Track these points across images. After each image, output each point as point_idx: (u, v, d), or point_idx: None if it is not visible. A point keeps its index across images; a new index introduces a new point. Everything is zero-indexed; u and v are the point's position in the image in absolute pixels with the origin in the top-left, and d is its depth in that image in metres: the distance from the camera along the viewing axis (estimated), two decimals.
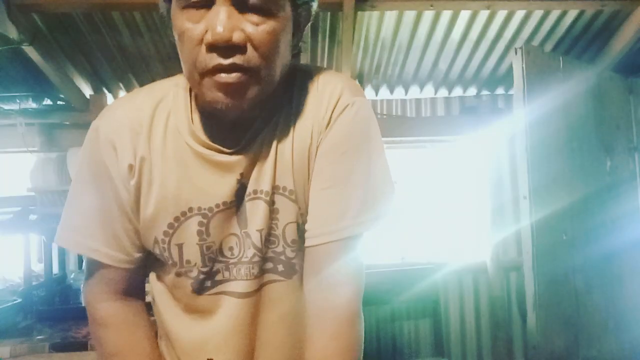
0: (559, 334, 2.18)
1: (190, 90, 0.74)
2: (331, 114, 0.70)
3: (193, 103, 0.73)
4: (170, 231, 0.70)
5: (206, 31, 0.60)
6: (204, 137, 0.70)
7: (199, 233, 0.70)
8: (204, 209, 0.69)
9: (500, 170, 2.87)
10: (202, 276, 0.72)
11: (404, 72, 2.74)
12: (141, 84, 2.69)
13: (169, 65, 2.56)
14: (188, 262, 0.71)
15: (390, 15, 2.34)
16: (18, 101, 2.49)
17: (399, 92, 2.91)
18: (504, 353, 2.85)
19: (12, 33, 2.04)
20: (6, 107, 2.50)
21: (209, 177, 0.69)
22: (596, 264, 2.35)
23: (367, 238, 0.73)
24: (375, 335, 2.72)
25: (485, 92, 2.95)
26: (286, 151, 0.70)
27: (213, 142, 0.70)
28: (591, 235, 2.34)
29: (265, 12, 0.61)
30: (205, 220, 0.69)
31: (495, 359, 2.85)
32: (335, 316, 0.69)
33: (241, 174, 0.69)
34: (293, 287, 0.74)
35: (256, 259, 0.72)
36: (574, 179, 2.31)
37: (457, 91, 2.93)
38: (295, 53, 0.72)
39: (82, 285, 0.81)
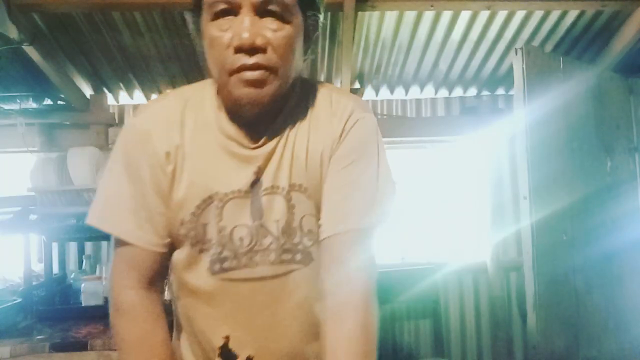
0: (559, 334, 2.18)
1: (216, 93, 0.83)
2: (344, 126, 0.81)
3: (218, 103, 0.82)
4: (198, 212, 0.78)
5: (232, 37, 0.71)
6: (228, 132, 0.79)
7: (216, 216, 0.78)
8: (221, 194, 0.78)
9: (500, 170, 2.87)
10: (214, 257, 0.79)
11: (404, 73, 2.74)
12: (141, 84, 2.70)
13: (169, 65, 2.57)
14: (209, 240, 0.79)
15: (391, 16, 2.34)
16: (18, 101, 2.49)
17: (399, 93, 2.91)
18: (504, 353, 2.85)
19: (13, 33, 2.04)
20: (6, 107, 2.50)
21: (229, 167, 0.78)
22: (596, 264, 2.35)
23: (376, 235, 0.82)
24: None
25: (485, 93, 2.95)
26: (301, 154, 0.79)
27: (236, 137, 0.79)
28: (591, 235, 2.35)
29: (281, 19, 0.72)
30: (220, 204, 0.77)
31: (495, 359, 2.85)
32: (353, 301, 0.76)
33: (258, 167, 0.78)
34: (310, 274, 0.81)
35: (273, 246, 0.79)
36: (574, 179, 2.31)
37: (458, 91, 2.93)
38: (307, 58, 0.83)
39: (108, 271, 0.86)
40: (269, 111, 0.78)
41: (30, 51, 2.19)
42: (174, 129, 0.79)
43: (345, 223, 0.78)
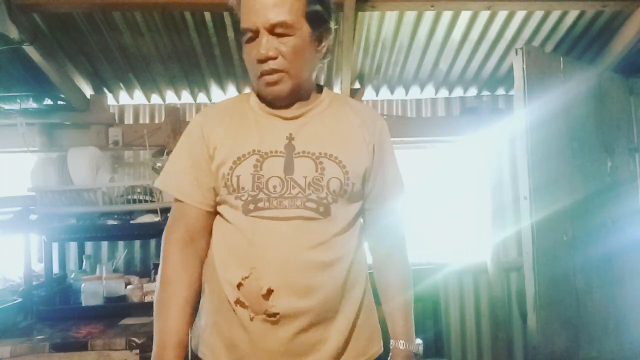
0: (559, 334, 2.18)
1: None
2: (377, 125, 1.13)
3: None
4: (234, 166, 1.01)
5: (256, 53, 1.00)
6: (269, 111, 1.08)
7: (255, 167, 1.00)
8: (262, 152, 1.02)
9: (500, 170, 2.87)
10: (249, 198, 0.99)
11: (404, 73, 2.74)
12: (141, 84, 2.70)
13: (169, 65, 2.57)
14: (242, 188, 1.00)
15: (391, 16, 2.34)
16: (19, 101, 2.49)
17: (399, 93, 2.91)
18: (504, 353, 2.84)
19: (13, 33, 2.05)
20: (7, 107, 2.50)
21: (269, 133, 1.04)
22: (597, 264, 2.35)
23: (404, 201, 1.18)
24: None
25: (485, 93, 2.95)
26: (336, 133, 1.06)
27: (275, 113, 1.07)
28: (592, 235, 2.34)
29: (287, 34, 0.99)
30: (261, 159, 1.01)
31: (495, 359, 2.85)
32: (400, 245, 1.22)
33: (290, 134, 1.04)
34: (326, 225, 1.00)
35: (300, 195, 0.99)
36: (575, 180, 2.31)
37: (458, 92, 2.93)
38: (324, 58, 1.12)
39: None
40: (299, 97, 1.07)
41: (31, 51, 2.19)
42: (219, 121, 1.08)
43: (393, 200, 1.16)
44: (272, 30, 0.98)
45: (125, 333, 1.69)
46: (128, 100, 2.83)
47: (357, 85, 2.80)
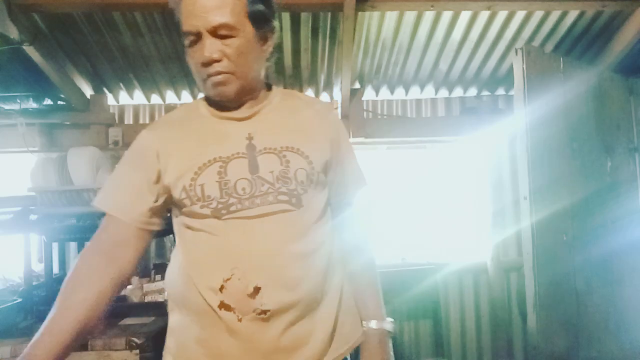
0: (559, 334, 2.18)
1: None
2: (332, 117, 1.15)
3: (208, 102, 1.10)
4: (195, 177, 0.99)
5: (199, 56, 0.98)
6: (221, 115, 1.07)
7: (219, 173, 0.99)
8: (223, 157, 1.00)
9: (500, 170, 2.87)
10: (220, 205, 0.98)
11: (404, 73, 2.74)
12: (141, 84, 2.70)
13: (169, 65, 2.57)
14: (209, 197, 0.98)
15: (391, 16, 2.34)
16: (19, 101, 2.49)
17: (399, 93, 2.91)
18: (504, 353, 2.84)
19: (13, 33, 2.05)
20: (7, 107, 2.50)
21: (226, 137, 1.03)
22: (596, 264, 2.35)
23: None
24: None
25: (485, 93, 2.95)
26: (294, 127, 1.06)
27: (228, 116, 1.06)
28: (591, 235, 2.34)
29: (230, 36, 0.97)
30: (224, 164, 1.00)
31: (495, 359, 2.85)
32: (364, 234, 1.18)
33: (249, 134, 1.03)
34: (301, 216, 1.01)
35: (270, 190, 0.99)
36: (575, 180, 2.31)
37: (458, 92, 2.93)
38: (270, 57, 1.09)
39: None
40: (249, 97, 1.06)
41: (31, 51, 2.19)
42: (170, 135, 1.06)
43: (354, 192, 1.17)
44: (214, 32, 0.97)
45: (125, 333, 1.69)
46: (128, 100, 2.83)
47: (357, 85, 2.80)
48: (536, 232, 2.10)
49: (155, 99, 2.83)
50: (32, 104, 2.54)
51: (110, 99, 2.78)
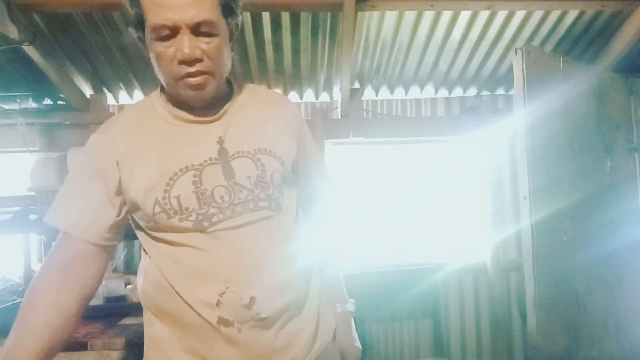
0: (559, 334, 2.18)
1: (162, 93, 1.04)
2: (293, 112, 1.12)
3: (166, 100, 1.02)
4: (168, 189, 0.92)
5: (176, 52, 0.90)
6: (185, 117, 0.99)
7: (194, 183, 0.93)
8: (196, 165, 0.94)
9: (500, 170, 2.87)
10: (200, 218, 0.93)
11: (404, 73, 2.74)
12: (141, 84, 2.70)
13: None
14: (187, 209, 0.93)
15: (391, 16, 2.34)
16: (19, 101, 2.49)
17: (399, 93, 2.91)
18: (504, 353, 2.84)
19: (13, 33, 2.04)
20: (7, 107, 2.50)
21: (196, 142, 0.96)
22: (597, 264, 2.35)
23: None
24: (376, 336, 2.72)
25: (485, 93, 2.95)
26: (263, 128, 1.02)
27: (193, 120, 0.99)
28: (592, 235, 2.34)
29: (211, 34, 0.91)
30: (198, 173, 0.93)
31: (495, 359, 2.85)
32: (327, 216, 1.21)
33: (219, 137, 0.97)
34: (281, 220, 1.00)
35: (250, 197, 0.95)
36: (575, 180, 2.30)
37: (458, 92, 2.93)
38: (233, 54, 1.03)
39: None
40: (217, 97, 0.99)
41: (31, 51, 2.19)
42: (126, 141, 0.96)
43: (319, 187, 1.19)
44: (196, 29, 0.89)
45: (125, 333, 1.69)
46: (128, 100, 2.83)
47: (357, 86, 2.80)
48: (536, 232, 2.10)
49: None
50: (32, 104, 2.54)
51: (110, 99, 2.78)
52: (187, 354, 0.96)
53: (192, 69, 0.91)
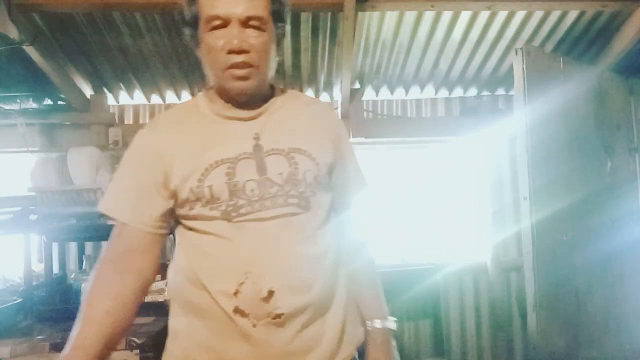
0: (559, 334, 2.18)
1: (205, 92, 1.10)
2: (334, 118, 1.15)
3: (209, 98, 1.08)
4: (203, 178, 0.97)
5: (225, 43, 0.95)
6: (225, 114, 1.04)
7: (227, 174, 0.97)
8: (231, 158, 0.98)
9: (500, 170, 2.87)
10: (229, 208, 0.96)
11: (404, 73, 2.74)
12: (141, 84, 2.70)
13: (169, 65, 2.57)
14: (218, 198, 0.97)
15: (391, 16, 2.34)
16: (19, 101, 2.49)
17: (399, 93, 2.91)
18: (504, 353, 2.85)
19: (13, 33, 2.05)
20: (7, 107, 2.50)
21: (232, 138, 1.01)
22: (596, 264, 2.35)
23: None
24: None
25: (485, 93, 2.95)
26: (299, 128, 1.05)
27: (233, 116, 1.04)
28: (591, 235, 2.34)
29: (259, 29, 0.97)
30: (232, 165, 0.98)
31: (495, 359, 2.85)
32: (364, 237, 1.19)
33: (256, 134, 1.01)
34: (309, 219, 1.00)
35: (280, 193, 0.98)
36: (575, 180, 2.30)
37: (458, 92, 2.93)
38: (278, 58, 1.07)
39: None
40: (257, 96, 1.04)
41: (31, 51, 2.19)
42: (171, 135, 1.03)
43: (354, 193, 1.17)
44: (245, 22, 0.96)
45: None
46: (128, 100, 2.83)
47: (357, 85, 2.80)
48: (536, 232, 2.10)
49: (155, 99, 2.83)
50: (32, 104, 2.54)
51: (110, 99, 2.78)
52: (200, 348, 0.98)
53: (237, 59, 0.95)
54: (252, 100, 1.03)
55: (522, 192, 2.15)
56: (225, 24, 0.96)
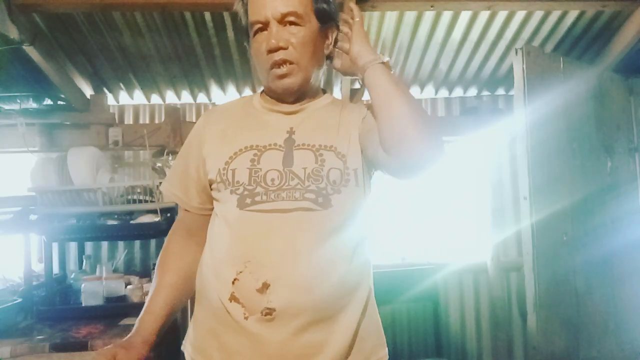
0: (559, 334, 2.18)
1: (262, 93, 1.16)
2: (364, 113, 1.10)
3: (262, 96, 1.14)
4: (229, 161, 1.02)
5: (265, 44, 1.00)
6: (270, 107, 1.09)
7: (252, 161, 1.00)
8: (260, 146, 1.02)
9: (500, 170, 2.87)
10: (246, 192, 0.98)
11: (404, 73, 2.74)
12: (141, 84, 2.70)
13: (169, 65, 2.57)
14: (238, 182, 1.00)
15: (391, 16, 2.34)
16: (19, 101, 2.49)
17: None
18: (504, 354, 2.85)
19: (13, 33, 2.04)
20: (7, 107, 2.50)
21: (268, 127, 1.06)
22: (596, 264, 2.35)
23: None
24: None
25: (485, 93, 2.95)
26: (333, 126, 1.05)
27: (275, 109, 1.08)
28: (591, 235, 2.34)
29: (297, 25, 1.00)
30: (259, 153, 1.01)
31: (495, 359, 2.85)
32: None
33: (290, 128, 1.05)
34: (326, 218, 0.97)
35: (299, 187, 0.97)
36: (575, 180, 2.30)
37: (458, 92, 2.93)
38: (330, 54, 1.10)
39: None
40: (305, 94, 1.08)
41: (31, 51, 2.19)
42: (219, 120, 1.11)
43: None
44: (282, 20, 0.99)
45: (125, 333, 1.68)
46: (128, 100, 2.83)
47: (356, 86, 2.80)
48: (536, 232, 2.10)
49: (155, 99, 2.83)
50: (32, 104, 2.54)
51: (110, 99, 2.78)
52: (209, 335, 1.02)
53: (276, 57, 0.99)
54: (300, 98, 1.08)
55: (522, 192, 2.15)
56: (265, 27, 1.00)
